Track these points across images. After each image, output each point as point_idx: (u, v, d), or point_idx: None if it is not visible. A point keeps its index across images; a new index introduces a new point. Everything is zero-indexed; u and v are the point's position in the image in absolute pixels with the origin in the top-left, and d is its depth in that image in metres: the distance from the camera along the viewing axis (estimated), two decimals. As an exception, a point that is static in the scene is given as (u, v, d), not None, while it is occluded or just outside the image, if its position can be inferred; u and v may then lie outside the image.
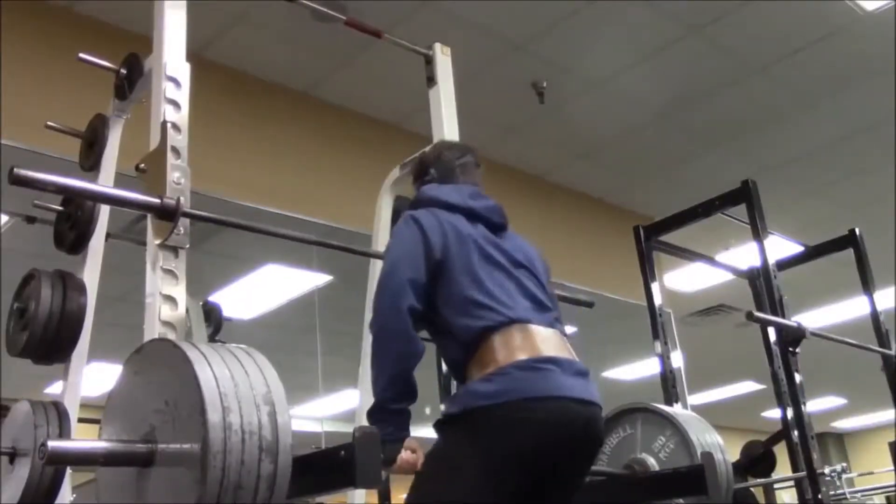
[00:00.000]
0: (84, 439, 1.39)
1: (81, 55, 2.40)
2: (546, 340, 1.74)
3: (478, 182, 2.04)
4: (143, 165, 1.86)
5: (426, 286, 1.75)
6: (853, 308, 6.33)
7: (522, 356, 1.68)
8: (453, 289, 1.76)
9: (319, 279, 4.93)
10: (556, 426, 1.65)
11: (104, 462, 1.35)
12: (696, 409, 3.75)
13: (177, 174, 1.80)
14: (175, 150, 1.83)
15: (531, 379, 1.66)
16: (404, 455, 1.69)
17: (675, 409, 2.48)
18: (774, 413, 4.50)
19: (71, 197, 2.41)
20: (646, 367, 5.60)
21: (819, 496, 3.06)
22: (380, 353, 1.72)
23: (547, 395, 1.65)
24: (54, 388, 3.54)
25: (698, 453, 2.34)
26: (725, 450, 2.44)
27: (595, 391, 1.76)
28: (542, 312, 1.80)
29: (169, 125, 1.85)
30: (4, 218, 3.78)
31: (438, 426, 1.73)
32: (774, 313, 3.23)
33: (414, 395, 1.73)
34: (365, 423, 2.61)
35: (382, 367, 1.71)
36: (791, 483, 4.73)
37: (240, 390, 1.28)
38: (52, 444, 1.29)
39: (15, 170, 1.56)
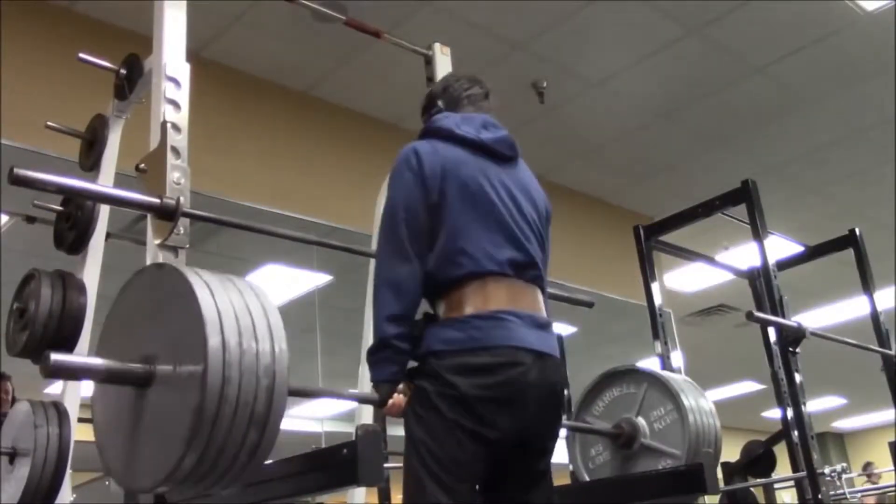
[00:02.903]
0: (85, 356, 1.41)
1: (81, 55, 2.40)
2: (515, 293, 1.78)
3: (485, 114, 1.99)
4: (143, 165, 1.87)
5: (424, 228, 1.78)
6: (853, 308, 6.33)
7: (487, 307, 1.73)
8: (442, 236, 1.78)
9: (319, 279, 4.93)
10: (505, 374, 1.69)
11: (104, 378, 1.37)
12: (696, 408, 3.75)
13: (177, 174, 1.80)
14: (175, 150, 1.83)
15: (487, 328, 1.71)
16: (396, 399, 1.73)
17: (684, 386, 2.44)
18: (774, 413, 4.50)
19: (71, 197, 2.42)
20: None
21: (819, 496, 3.06)
22: (384, 294, 1.73)
23: (500, 345, 1.70)
24: (54, 388, 3.54)
25: (691, 433, 2.32)
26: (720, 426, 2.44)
27: (552, 343, 1.81)
28: (523, 265, 1.82)
29: (169, 125, 1.85)
30: (4, 218, 3.78)
31: (409, 375, 1.76)
32: (774, 313, 3.23)
33: (412, 338, 1.75)
34: (366, 421, 2.61)
35: (385, 304, 1.72)
36: (791, 483, 4.73)
37: (240, 316, 1.30)
38: (55, 356, 1.30)
39: (15, 170, 1.56)
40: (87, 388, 2.29)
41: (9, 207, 3.52)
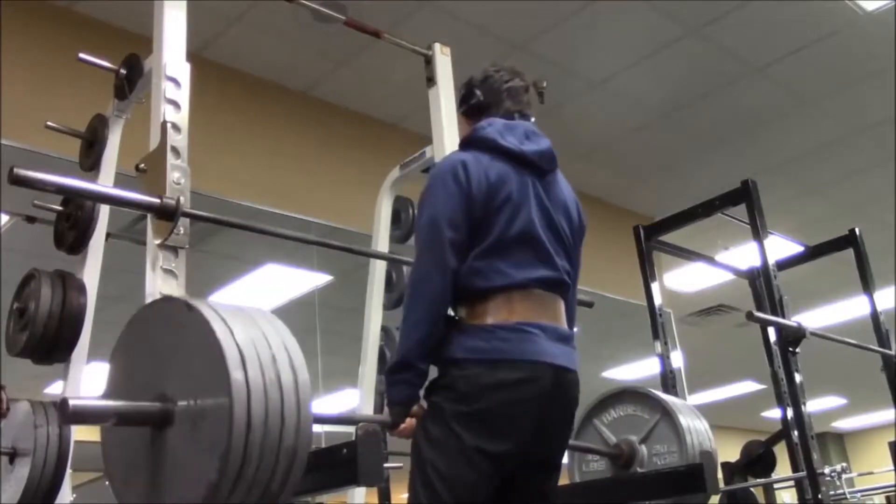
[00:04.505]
0: (103, 399, 1.37)
1: (81, 55, 2.40)
2: (539, 306, 1.78)
3: (525, 109, 1.99)
4: (143, 165, 1.86)
5: (465, 244, 1.76)
6: (853, 308, 6.33)
7: (512, 319, 1.72)
8: (477, 250, 1.76)
9: (319, 279, 4.93)
10: (524, 390, 1.68)
11: (124, 420, 1.33)
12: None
13: (177, 174, 1.80)
14: (175, 150, 1.83)
15: (512, 340, 1.70)
16: (408, 422, 1.72)
17: (693, 438, 2.42)
18: (774, 413, 4.51)
19: (71, 197, 2.41)
20: (646, 367, 5.61)
21: (819, 496, 3.06)
22: (417, 309, 1.72)
23: (524, 359, 1.70)
24: (54, 388, 3.52)
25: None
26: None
27: (573, 356, 1.81)
28: (551, 282, 1.82)
29: (169, 125, 1.85)
30: (4, 218, 3.78)
31: (427, 387, 1.75)
32: (774, 313, 3.23)
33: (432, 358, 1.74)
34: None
35: (418, 323, 1.70)
36: (791, 483, 4.74)
37: (259, 348, 1.27)
38: (74, 402, 1.27)
39: (15, 170, 1.56)
40: (87, 388, 2.30)
41: (9, 207, 3.51)
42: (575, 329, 1.97)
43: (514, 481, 1.73)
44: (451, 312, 1.79)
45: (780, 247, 4.35)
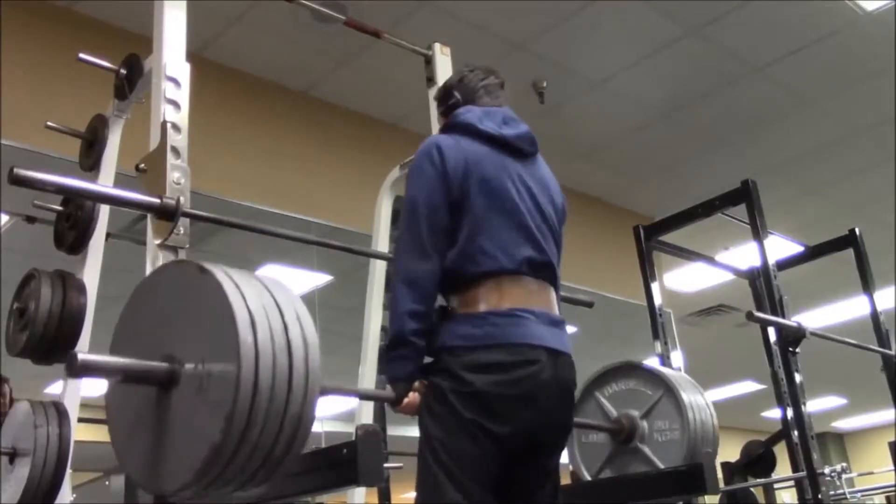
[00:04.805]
0: (111, 356, 1.37)
1: (81, 55, 2.40)
2: (530, 292, 1.80)
3: (502, 105, 2.01)
4: (143, 165, 1.87)
5: (444, 225, 1.79)
6: (853, 308, 6.33)
7: (503, 305, 1.75)
8: (462, 233, 1.78)
9: (319, 279, 4.93)
10: (520, 371, 1.70)
11: (130, 377, 1.33)
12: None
13: (177, 174, 1.80)
14: (175, 150, 1.83)
15: (504, 325, 1.73)
16: (411, 397, 1.74)
17: (695, 415, 2.42)
18: (774, 413, 4.51)
19: (71, 197, 2.41)
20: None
21: (819, 496, 3.06)
22: (403, 289, 1.74)
23: (516, 342, 1.72)
24: (54, 388, 3.52)
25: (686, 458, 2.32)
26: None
27: (566, 340, 1.82)
28: (540, 265, 1.84)
29: (169, 125, 1.85)
30: (4, 218, 3.78)
31: (424, 371, 1.77)
32: (774, 313, 3.23)
33: (428, 333, 1.76)
34: (366, 421, 2.61)
35: (407, 301, 1.73)
36: (791, 483, 4.74)
37: (270, 314, 1.27)
38: (83, 356, 1.27)
39: (15, 170, 1.56)
40: (87, 388, 2.30)
41: (9, 207, 3.52)
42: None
43: (516, 463, 1.75)
44: (442, 303, 1.81)
45: (780, 247, 4.35)
